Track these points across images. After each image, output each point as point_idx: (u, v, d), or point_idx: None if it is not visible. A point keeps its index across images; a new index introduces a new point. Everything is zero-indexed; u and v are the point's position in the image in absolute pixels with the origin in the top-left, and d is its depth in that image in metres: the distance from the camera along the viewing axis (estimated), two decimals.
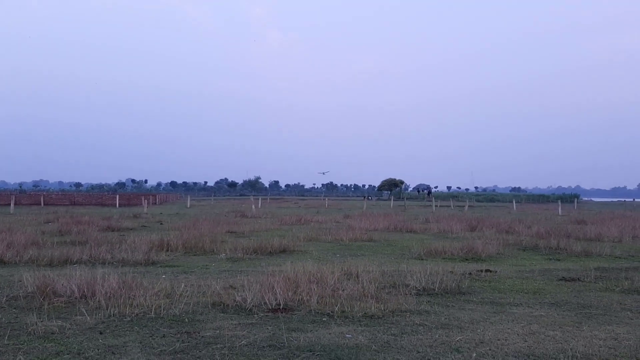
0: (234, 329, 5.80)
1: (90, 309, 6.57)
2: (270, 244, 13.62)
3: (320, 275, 8.14)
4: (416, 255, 12.86)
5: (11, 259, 11.24)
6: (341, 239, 16.74)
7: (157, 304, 6.68)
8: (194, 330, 5.73)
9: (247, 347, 5.15)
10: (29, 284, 7.64)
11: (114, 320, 6.13)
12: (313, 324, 6.09)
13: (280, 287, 7.24)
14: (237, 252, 12.77)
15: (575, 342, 5.46)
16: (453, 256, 12.69)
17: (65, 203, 56.52)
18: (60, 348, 5.07)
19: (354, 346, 5.22)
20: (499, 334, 5.74)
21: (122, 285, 7.39)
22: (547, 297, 7.86)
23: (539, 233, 18.42)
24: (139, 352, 4.95)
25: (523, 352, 5.07)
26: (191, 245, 13.82)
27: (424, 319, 6.37)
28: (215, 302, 7.05)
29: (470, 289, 8.39)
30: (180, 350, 5.03)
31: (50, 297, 7.12)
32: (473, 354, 5.01)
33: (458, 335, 5.65)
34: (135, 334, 5.56)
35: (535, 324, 6.18)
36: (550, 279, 9.52)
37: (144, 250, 12.27)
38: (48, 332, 5.59)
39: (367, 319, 6.34)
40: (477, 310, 6.90)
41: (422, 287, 8.18)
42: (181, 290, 7.48)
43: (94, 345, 5.18)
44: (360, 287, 7.64)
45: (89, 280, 7.42)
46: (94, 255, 11.54)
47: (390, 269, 10.14)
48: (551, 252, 14.10)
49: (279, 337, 5.50)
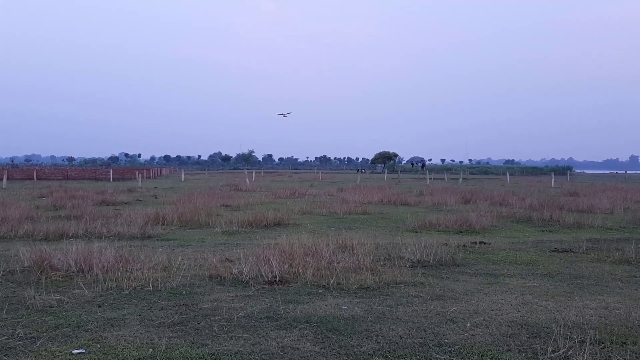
0: (232, 301, 5.86)
1: (87, 283, 6.61)
2: (265, 217, 13.67)
3: (316, 248, 8.20)
4: (410, 228, 12.95)
5: (6, 234, 11.24)
6: (335, 212, 16.81)
7: (155, 277, 6.73)
8: (192, 303, 5.79)
9: (245, 319, 5.21)
10: (25, 259, 7.66)
11: (112, 293, 6.18)
12: (309, 295, 6.16)
13: (276, 260, 7.30)
14: (233, 225, 12.81)
15: (567, 311, 5.56)
16: (447, 229, 12.78)
17: (59, 177, 56.21)
18: (59, 321, 5.12)
19: (350, 317, 5.29)
20: (492, 304, 5.83)
21: (119, 259, 7.43)
22: (540, 268, 7.97)
23: (532, 205, 18.55)
24: (138, 325, 5.00)
25: (516, 322, 5.16)
26: (187, 219, 13.85)
27: (418, 290, 6.45)
28: (212, 274, 7.10)
29: (465, 260, 8.49)
30: (179, 322, 5.08)
31: (47, 271, 7.15)
32: (467, 324, 5.10)
33: (453, 306, 5.74)
34: (134, 307, 5.62)
35: (528, 295, 6.28)
36: (543, 251, 9.63)
37: (140, 224, 12.29)
38: (46, 306, 5.63)
39: (363, 290, 6.41)
40: (471, 282, 6.99)
41: (416, 259, 8.26)
42: (178, 264, 7.53)
43: (93, 318, 5.23)
44: (355, 260, 7.70)
45: (86, 254, 7.45)
46: (89, 230, 11.56)
47: (385, 242, 10.22)
48: (544, 224, 14.23)
49: (276, 308, 5.57)
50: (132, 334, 4.74)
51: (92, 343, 4.50)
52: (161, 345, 4.43)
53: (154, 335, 4.71)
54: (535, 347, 4.44)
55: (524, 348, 4.44)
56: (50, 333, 4.76)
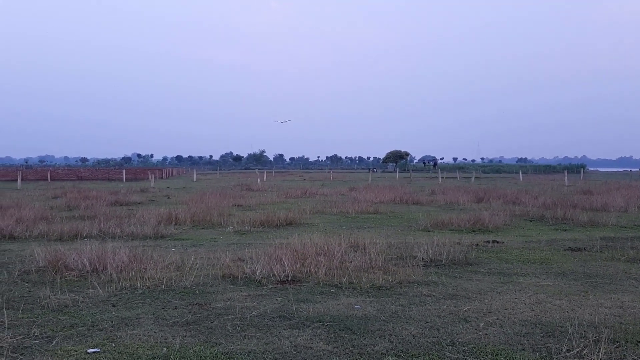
0: (244, 301, 5.88)
1: (102, 282, 6.66)
2: (277, 216, 13.69)
3: (327, 248, 8.20)
4: (423, 227, 12.91)
5: (21, 234, 11.35)
6: (347, 211, 16.80)
7: (168, 277, 6.77)
8: (205, 302, 5.81)
9: (258, 318, 5.23)
10: (40, 259, 7.73)
11: (126, 293, 6.22)
12: (321, 295, 6.17)
13: (288, 259, 7.31)
14: (245, 225, 12.86)
15: (581, 310, 5.52)
16: (460, 228, 12.73)
17: (72, 178, 56.70)
18: (74, 320, 5.17)
19: (363, 317, 5.29)
20: (506, 303, 5.80)
21: (132, 258, 7.48)
22: (554, 267, 7.91)
23: (546, 204, 18.43)
24: (152, 324, 5.04)
25: (530, 321, 5.13)
26: (199, 219, 13.92)
27: (431, 289, 6.44)
28: (225, 274, 7.13)
29: (478, 259, 8.45)
30: (193, 322, 5.11)
31: (62, 271, 7.22)
32: (481, 323, 5.08)
33: (466, 305, 5.72)
34: (148, 306, 5.65)
35: (542, 294, 6.24)
36: (557, 249, 9.57)
37: (153, 224, 12.37)
38: (61, 305, 5.69)
39: (375, 290, 6.40)
40: (485, 281, 6.96)
41: (429, 258, 8.24)
42: (191, 263, 7.57)
43: (108, 317, 5.27)
44: (367, 259, 7.70)
45: (100, 254, 7.51)
46: (103, 230, 11.65)
47: (397, 241, 10.20)
48: (557, 222, 14.13)
49: (289, 308, 5.58)
50: (146, 333, 4.78)
51: (107, 342, 4.54)
52: (175, 344, 4.46)
53: (167, 334, 4.74)
54: (549, 346, 4.41)
55: (538, 347, 4.41)
56: (65, 332, 4.81)
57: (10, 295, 6.12)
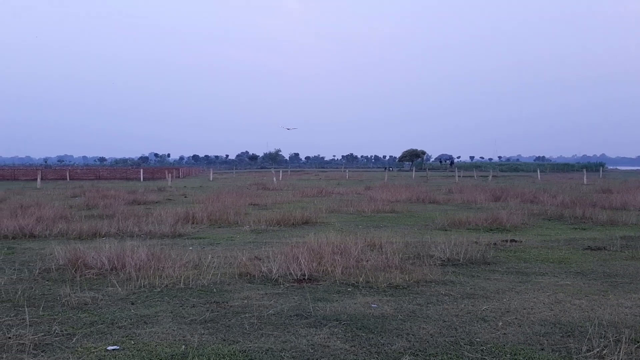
0: (261, 299, 5.91)
1: (121, 281, 6.73)
2: (293, 215, 13.71)
3: (344, 247, 8.19)
4: (440, 226, 12.84)
5: (41, 233, 11.51)
6: (363, 210, 16.77)
7: (186, 275, 6.82)
8: (223, 300, 5.85)
9: (275, 317, 5.25)
10: (60, 257, 7.84)
11: (145, 291, 6.28)
12: (338, 294, 6.17)
13: (305, 258, 7.31)
14: (261, 224, 12.90)
15: (601, 310, 5.45)
16: (477, 227, 12.64)
17: (91, 177, 57.36)
18: (94, 318, 5.23)
19: (380, 315, 5.28)
20: (525, 303, 5.75)
21: (151, 257, 7.54)
22: (573, 267, 7.83)
23: (564, 202, 18.23)
24: (170, 322, 5.08)
25: (549, 321, 5.08)
26: (216, 218, 13.99)
27: (449, 289, 6.40)
28: (241, 272, 7.16)
29: (496, 259, 8.39)
30: (210, 320, 5.15)
31: (81, 269, 7.31)
32: (499, 322, 5.04)
33: (484, 304, 5.68)
34: (166, 304, 5.70)
35: (561, 293, 6.17)
36: (576, 248, 9.46)
37: (171, 223, 12.46)
38: (81, 303, 5.76)
39: (392, 289, 6.39)
40: (503, 280, 6.91)
41: (446, 257, 8.19)
42: (208, 262, 7.61)
43: (127, 315, 5.33)
44: (384, 258, 7.68)
45: (119, 252, 7.59)
46: (121, 228, 11.76)
47: (414, 240, 10.16)
48: (576, 221, 13.97)
49: (306, 306, 5.59)
50: (164, 330, 4.82)
51: (126, 340, 4.58)
52: (193, 342, 4.49)
53: (186, 332, 4.77)
54: (569, 346, 4.37)
55: (557, 347, 4.37)
56: (85, 330, 4.87)
57: (31, 293, 6.21)
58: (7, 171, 60.82)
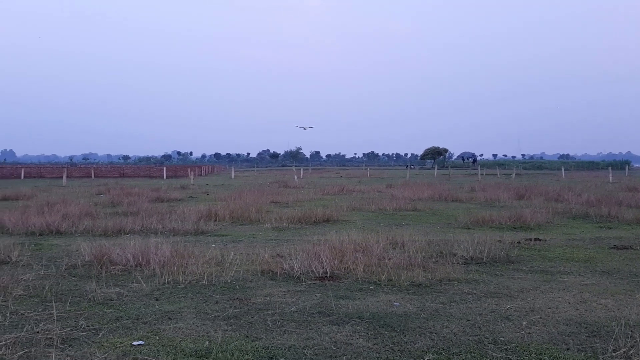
0: (284, 296, 5.93)
1: (145, 277, 6.82)
2: (314, 213, 13.72)
3: (366, 245, 8.18)
4: (463, 225, 12.74)
5: (67, 229, 11.70)
6: (385, 208, 16.70)
7: (209, 272, 6.88)
8: (245, 297, 5.89)
9: (297, 314, 5.27)
10: (86, 253, 7.97)
11: (169, 287, 6.35)
12: (360, 292, 6.16)
13: (326, 256, 7.32)
14: (282, 221, 12.93)
15: (628, 310, 5.36)
16: (501, 225, 12.51)
17: (115, 175, 58.12)
18: (119, 314, 5.30)
19: (403, 314, 5.27)
20: (549, 302, 5.68)
21: (174, 253, 7.62)
22: (599, 266, 7.71)
23: (589, 201, 17.93)
24: (194, 318, 5.13)
25: (574, 320, 5.02)
26: (238, 215, 14.06)
27: (472, 287, 6.36)
28: (264, 270, 7.20)
29: (520, 257, 8.30)
30: (234, 316, 5.18)
31: (107, 265, 7.42)
32: (523, 322, 4.99)
33: (508, 303, 5.63)
34: (190, 301, 5.76)
35: (586, 292, 6.09)
36: (602, 247, 9.32)
37: (193, 220, 12.57)
38: (107, 299, 5.85)
39: (415, 287, 6.36)
40: (527, 279, 6.84)
41: (469, 256, 8.13)
42: (231, 259, 7.66)
43: (151, 311, 5.39)
44: (406, 256, 7.65)
45: (143, 249, 7.68)
46: (145, 225, 11.89)
47: (437, 238, 10.10)
48: (602, 220, 13.74)
49: (328, 304, 5.60)
50: (188, 326, 4.87)
51: (151, 335, 4.64)
52: (217, 338, 4.53)
53: (209, 328, 4.82)
54: (595, 346, 4.30)
55: (583, 347, 4.31)
56: (111, 325, 4.94)
57: (58, 289, 6.33)
58: (34, 169, 61.92)
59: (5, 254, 8.16)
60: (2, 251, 8.25)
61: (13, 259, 7.99)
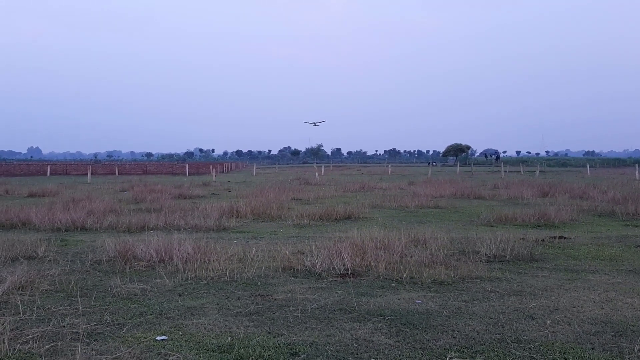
0: (305, 293, 5.95)
1: (168, 273, 6.89)
2: (335, 210, 13.71)
3: (387, 242, 8.16)
4: (485, 222, 12.62)
5: (92, 226, 11.88)
6: (406, 205, 16.62)
7: (231, 268, 6.93)
8: (267, 293, 5.92)
9: (319, 310, 5.28)
10: (110, 249, 8.08)
11: (191, 283, 6.41)
12: (382, 289, 6.15)
13: (348, 253, 7.32)
14: (304, 218, 12.95)
15: None
16: (524, 223, 12.37)
17: (138, 172, 58.79)
18: (143, 309, 5.37)
19: (425, 312, 5.24)
20: (574, 301, 5.60)
21: (197, 250, 7.69)
22: (625, 264, 7.58)
23: (615, 198, 17.60)
24: (216, 313, 5.18)
25: (600, 319, 4.94)
26: (259, 212, 14.12)
27: (495, 285, 6.30)
28: (285, 266, 7.23)
29: (543, 255, 8.19)
30: (255, 312, 5.22)
31: (130, 261, 7.52)
32: (547, 320, 4.93)
33: (531, 302, 5.56)
34: (212, 296, 5.81)
35: (612, 291, 5.99)
36: (628, 246, 9.15)
37: (215, 217, 12.67)
38: (131, 294, 5.93)
39: (437, 285, 6.33)
40: (551, 277, 6.75)
41: (492, 254, 8.05)
42: (252, 255, 7.71)
43: (174, 306, 5.45)
44: (428, 254, 7.61)
45: (166, 245, 7.77)
46: (168, 222, 12.02)
47: (459, 236, 10.03)
48: (628, 218, 13.49)
49: (349, 301, 5.60)
50: (211, 322, 4.91)
51: (174, 330, 4.70)
52: (239, 333, 4.57)
53: (232, 324, 4.86)
54: (620, 346, 4.24)
55: (608, 346, 4.25)
56: (135, 320, 5.01)
57: (83, 284, 6.43)
58: (59, 166, 63.00)
59: (32, 250, 8.32)
60: (29, 247, 8.42)
61: (40, 255, 8.15)
